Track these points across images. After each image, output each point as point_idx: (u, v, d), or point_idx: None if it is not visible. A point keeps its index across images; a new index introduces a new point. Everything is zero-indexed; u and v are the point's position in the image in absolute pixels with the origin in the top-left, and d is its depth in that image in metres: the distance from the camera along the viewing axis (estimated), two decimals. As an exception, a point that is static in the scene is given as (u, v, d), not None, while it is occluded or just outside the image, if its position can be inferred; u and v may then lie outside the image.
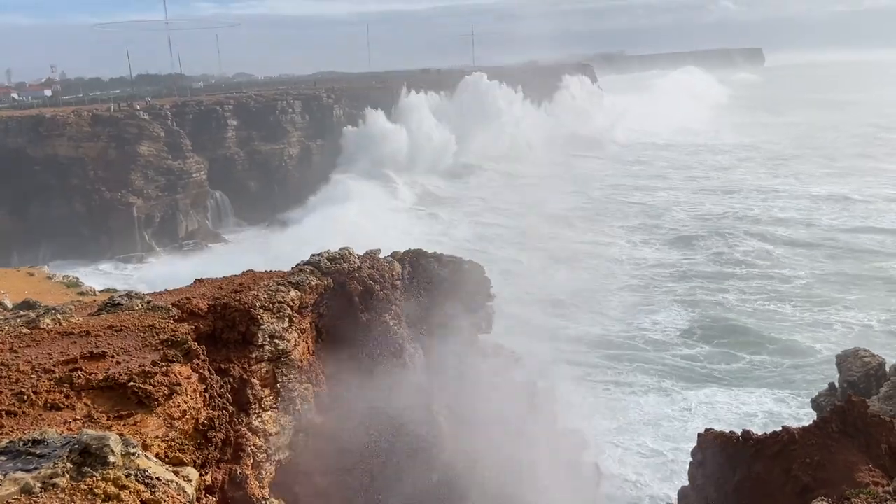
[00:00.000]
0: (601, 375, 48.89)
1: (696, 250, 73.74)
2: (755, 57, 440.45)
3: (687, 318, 56.68)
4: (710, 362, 49.52)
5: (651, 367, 49.37)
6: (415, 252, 26.15)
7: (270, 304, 17.82)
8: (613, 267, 69.77)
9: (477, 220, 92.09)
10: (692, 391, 45.64)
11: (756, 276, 64.74)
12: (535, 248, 75.03)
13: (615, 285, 64.71)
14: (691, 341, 52.90)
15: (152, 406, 11.22)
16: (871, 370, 33.61)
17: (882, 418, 12.91)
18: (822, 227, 79.07)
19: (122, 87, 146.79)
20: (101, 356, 12.40)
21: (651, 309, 58.88)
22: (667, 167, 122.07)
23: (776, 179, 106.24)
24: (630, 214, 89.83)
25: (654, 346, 52.59)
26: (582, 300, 60.78)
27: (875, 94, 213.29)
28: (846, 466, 12.10)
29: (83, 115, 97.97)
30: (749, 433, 13.04)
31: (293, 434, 18.46)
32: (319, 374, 19.54)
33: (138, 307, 15.96)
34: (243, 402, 16.86)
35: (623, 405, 44.68)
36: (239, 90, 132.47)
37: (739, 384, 46.05)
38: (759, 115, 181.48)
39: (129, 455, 7.52)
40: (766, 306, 57.55)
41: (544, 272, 67.30)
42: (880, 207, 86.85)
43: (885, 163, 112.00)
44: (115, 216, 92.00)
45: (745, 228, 79.84)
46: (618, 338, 54.44)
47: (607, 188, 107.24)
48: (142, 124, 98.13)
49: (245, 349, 17.16)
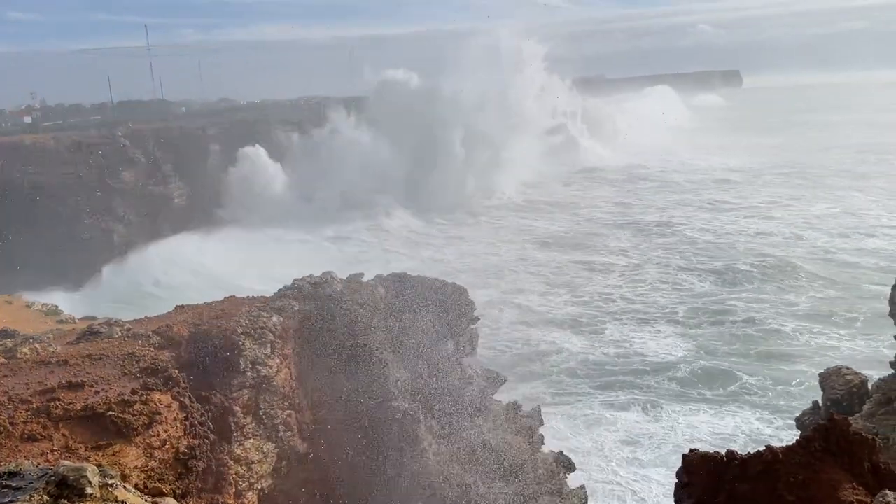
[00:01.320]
0: (588, 396, 48.82)
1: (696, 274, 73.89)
2: (733, 79, 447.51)
3: (680, 338, 56.74)
4: (702, 383, 49.52)
5: (640, 388, 49.40)
6: (398, 275, 26.11)
7: (252, 330, 17.70)
8: (611, 291, 69.74)
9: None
10: (681, 414, 45.64)
11: (756, 300, 64.73)
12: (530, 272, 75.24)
13: (613, 308, 64.70)
14: (684, 362, 52.95)
15: (131, 436, 11.06)
16: (853, 388, 33.85)
17: (864, 436, 12.94)
18: (818, 248, 79.40)
19: (103, 114, 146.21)
20: (80, 385, 12.23)
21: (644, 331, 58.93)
22: (652, 188, 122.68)
23: (762, 199, 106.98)
24: (622, 238, 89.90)
25: (643, 364, 52.61)
26: (576, 321, 60.92)
27: (852, 116, 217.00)
28: (830, 485, 12.11)
29: (63, 140, 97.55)
30: (733, 453, 13.03)
31: (276, 461, 18.25)
32: (302, 401, 19.37)
33: (118, 335, 15.79)
34: (225, 430, 16.66)
35: (609, 426, 44.60)
36: (221, 115, 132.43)
37: (730, 406, 46.02)
38: (729, 136, 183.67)
39: (106, 486, 7.38)
40: (770, 325, 57.42)
41: (543, 296, 67.47)
42: (871, 223, 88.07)
43: (872, 181, 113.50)
44: (96, 243, 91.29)
45: (741, 249, 79.96)
46: (607, 357, 54.47)
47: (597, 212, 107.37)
48: (123, 150, 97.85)
49: (227, 376, 17.00)
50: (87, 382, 12.33)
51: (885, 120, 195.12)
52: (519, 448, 25.82)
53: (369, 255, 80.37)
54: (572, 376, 51.90)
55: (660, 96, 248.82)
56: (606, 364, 53.50)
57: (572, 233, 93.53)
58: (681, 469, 14.73)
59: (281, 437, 18.18)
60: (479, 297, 64.01)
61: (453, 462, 23.90)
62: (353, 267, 28.04)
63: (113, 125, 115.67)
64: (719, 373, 50.75)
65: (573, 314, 63.68)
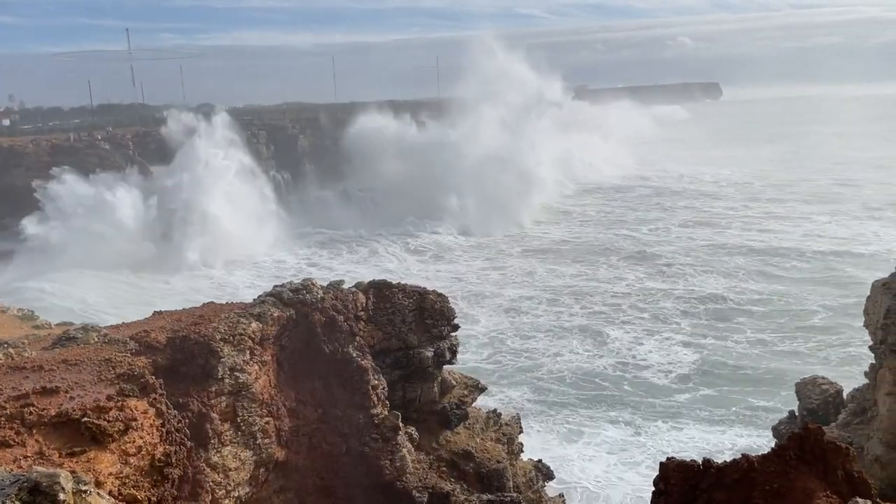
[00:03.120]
0: (570, 405, 48.92)
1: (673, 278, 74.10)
2: (713, 91, 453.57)
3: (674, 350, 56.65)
4: (683, 393, 49.65)
5: (618, 397, 49.57)
6: (379, 282, 26.05)
7: (231, 337, 17.59)
8: (618, 300, 69.69)
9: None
10: (663, 422, 45.80)
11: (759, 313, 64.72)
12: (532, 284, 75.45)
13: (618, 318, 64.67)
14: (663, 370, 53.02)
15: (106, 442, 10.95)
16: (829, 397, 34.21)
17: (838, 445, 13.11)
18: (823, 258, 79.69)
19: (82, 117, 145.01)
20: (55, 391, 12.09)
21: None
22: (633, 201, 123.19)
23: (760, 211, 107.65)
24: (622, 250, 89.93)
25: (635, 377, 52.67)
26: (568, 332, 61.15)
27: (826, 128, 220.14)
28: (804, 493, 12.25)
29: (42, 144, 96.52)
30: (710, 461, 13.15)
31: (254, 469, 18.12)
32: (281, 408, 19.27)
33: (94, 340, 15.64)
34: (202, 436, 16.52)
35: (589, 435, 44.72)
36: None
37: (718, 417, 45.97)
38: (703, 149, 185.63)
39: (80, 493, 7.33)
40: (781, 345, 57.14)
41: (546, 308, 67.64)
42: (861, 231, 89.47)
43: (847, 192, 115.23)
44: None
45: (740, 262, 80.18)
46: (590, 366, 54.58)
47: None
48: (102, 154, 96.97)
49: (204, 382, 16.87)
50: (62, 388, 12.19)
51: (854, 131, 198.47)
52: (498, 456, 25.83)
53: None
54: (560, 384, 51.95)
55: (632, 110, 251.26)
56: (597, 375, 53.47)
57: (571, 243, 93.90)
58: (658, 477, 14.82)
59: (259, 445, 18.06)
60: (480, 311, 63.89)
61: (432, 470, 23.86)
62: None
63: (92, 128, 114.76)
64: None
65: (573, 324, 63.55)
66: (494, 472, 25.15)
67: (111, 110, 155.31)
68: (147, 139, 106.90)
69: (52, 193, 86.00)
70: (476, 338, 59.61)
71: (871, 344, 30.96)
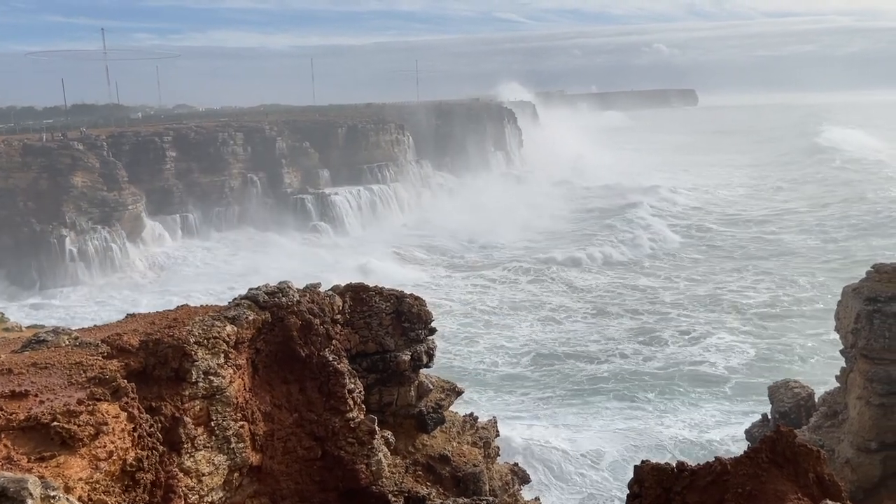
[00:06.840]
0: (546, 405, 49.11)
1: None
2: (689, 97, 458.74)
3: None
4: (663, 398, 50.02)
5: (593, 399, 49.85)
6: (356, 286, 25.96)
7: (205, 340, 17.39)
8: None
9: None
10: (636, 422, 46.10)
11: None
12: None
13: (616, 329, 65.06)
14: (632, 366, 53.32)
15: (76, 447, 10.78)
16: (801, 400, 34.68)
17: (809, 447, 13.28)
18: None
19: (56, 117, 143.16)
20: (24, 395, 11.87)
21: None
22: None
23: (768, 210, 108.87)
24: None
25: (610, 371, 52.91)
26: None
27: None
28: (776, 496, 12.39)
29: (13, 144, 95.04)
30: (683, 464, 13.26)
31: (227, 474, 17.93)
32: (256, 412, 19.09)
33: (65, 343, 15.39)
34: (175, 441, 16.31)
35: (568, 440, 44.91)
36: (179, 121, 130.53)
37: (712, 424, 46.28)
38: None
39: (48, 498, 7.21)
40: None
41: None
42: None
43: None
44: (46, 249, 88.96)
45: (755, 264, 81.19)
46: (567, 368, 54.82)
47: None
48: (75, 154, 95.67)
49: (178, 386, 16.65)
50: (31, 392, 11.97)
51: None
52: (475, 459, 25.82)
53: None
54: (547, 385, 52.12)
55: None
56: (578, 372, 53.64)
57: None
58: (632, 480, 14.91)
59: (233, 449, 17.88)
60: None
61: (408, 473, 23.80)
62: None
63: (66, 129, 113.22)
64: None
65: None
66: (471, 476, 25.14)
67: (85, 110, 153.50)
68: (122, 140, 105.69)
69: None
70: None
71: (841, 348, 31.36)
